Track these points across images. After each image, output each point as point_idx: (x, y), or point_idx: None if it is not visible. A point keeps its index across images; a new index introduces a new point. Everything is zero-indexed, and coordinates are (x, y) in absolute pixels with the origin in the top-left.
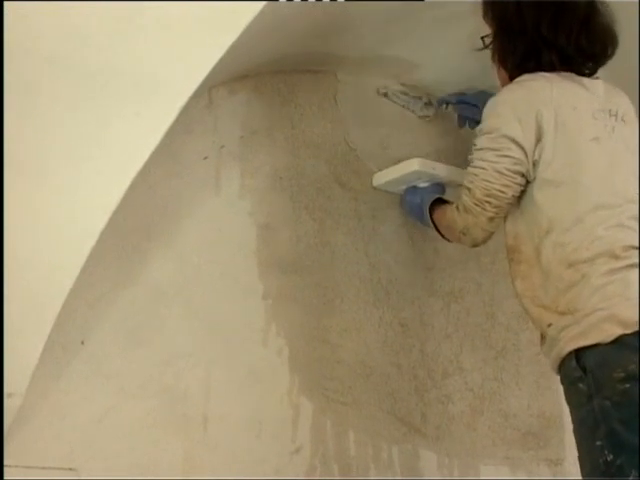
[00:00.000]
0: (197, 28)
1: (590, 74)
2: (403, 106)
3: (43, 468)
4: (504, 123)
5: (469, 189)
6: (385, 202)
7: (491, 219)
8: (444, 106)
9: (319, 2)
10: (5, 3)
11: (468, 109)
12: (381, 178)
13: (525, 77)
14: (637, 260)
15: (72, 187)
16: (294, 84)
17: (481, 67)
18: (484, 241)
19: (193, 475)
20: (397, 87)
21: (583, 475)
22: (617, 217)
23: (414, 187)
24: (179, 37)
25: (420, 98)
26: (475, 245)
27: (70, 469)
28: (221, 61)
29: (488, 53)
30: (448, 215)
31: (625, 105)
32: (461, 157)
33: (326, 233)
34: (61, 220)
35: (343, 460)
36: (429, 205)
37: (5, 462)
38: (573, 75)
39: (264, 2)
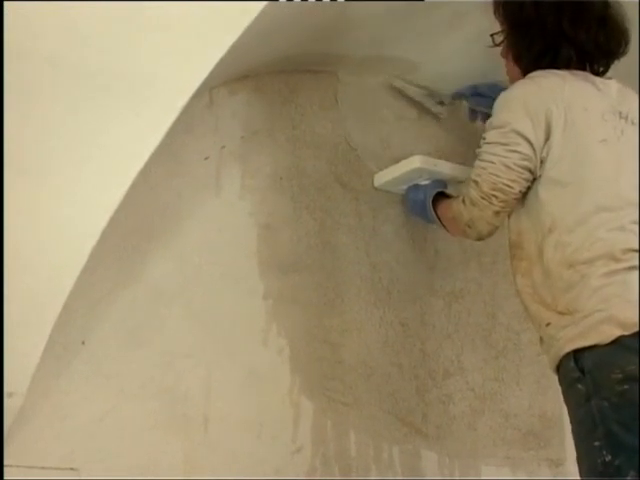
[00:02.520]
0: (197, 28)
1: (603, 72)
2: (419, 101)
3: (43, 468)
4: (515, 118)
5: (476, 182)
6: (386, 202)
7: (497, 213)
8: (459, 100)
9: (320, 2)
10: (5, 3)
11: (483, 101)
12: (382, 178)
13: (538, 73)
14: (637, 262)
15: (73, 187)
16: (295, 84)
17: (483, 66)
18: (489, 235)
19: (194, 475)
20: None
21: (581, 475)
22: (619, 220)
23: (416, 185)
24: (179, 37)
25: (433, 96)
26: (480, 238)
27: (71, 469)
28: (222, 61)
29: (491, 52)
30: (454, 207)
31: (637, 107)
32: (462, 157)
33: (327, 233)
34: (62, 220)
35: (344, 460)
36: (432, 199)
37: (5, 462)
38: (586, 74)
39: (265, 2)
